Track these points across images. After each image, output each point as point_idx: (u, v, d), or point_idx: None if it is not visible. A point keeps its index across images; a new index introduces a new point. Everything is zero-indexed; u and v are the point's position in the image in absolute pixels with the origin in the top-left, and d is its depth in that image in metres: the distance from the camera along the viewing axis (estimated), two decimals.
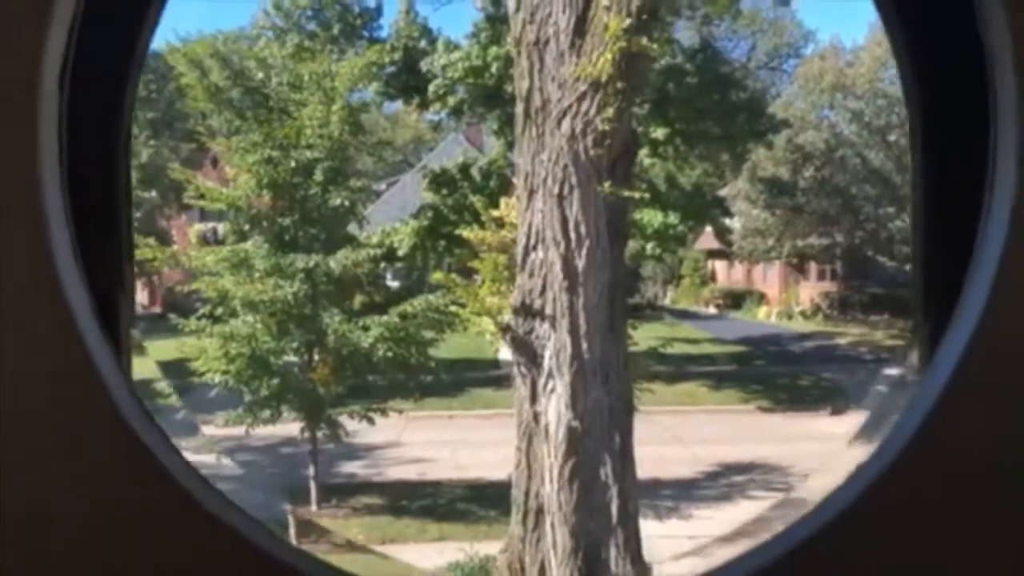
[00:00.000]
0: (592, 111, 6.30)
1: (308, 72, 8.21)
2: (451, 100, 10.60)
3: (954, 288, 0.82)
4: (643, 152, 10.67)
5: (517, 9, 6.42)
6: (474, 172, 11.53)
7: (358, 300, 9.12)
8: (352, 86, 8.67)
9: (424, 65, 10.67)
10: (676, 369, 11.78)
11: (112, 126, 0.92)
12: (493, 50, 10.92)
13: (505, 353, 8.20)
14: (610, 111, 6.22)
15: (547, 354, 6.61)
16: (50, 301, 0.75)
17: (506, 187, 9.80)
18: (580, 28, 6.24)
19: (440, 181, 11.43)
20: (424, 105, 10.96)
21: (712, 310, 15.52)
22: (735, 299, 15.90)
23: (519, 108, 6.62)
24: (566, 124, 6.35)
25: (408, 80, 10.81)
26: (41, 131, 0.76)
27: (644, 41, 6.20)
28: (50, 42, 0.76)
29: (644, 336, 9.40)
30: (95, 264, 0.83)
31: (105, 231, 0.89)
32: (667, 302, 14.89)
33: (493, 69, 10.61)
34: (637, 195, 6.97)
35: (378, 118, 12.03)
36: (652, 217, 10.94)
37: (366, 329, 8.23)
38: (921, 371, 0.85)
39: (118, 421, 0.76)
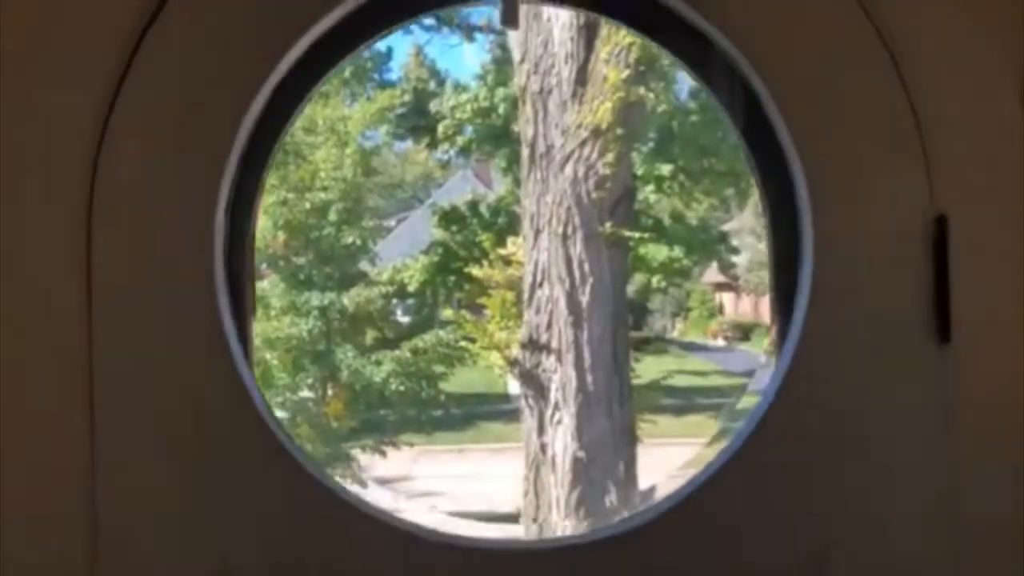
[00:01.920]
0: (593, 156, 6.87)
1: (322, 117, 8.81)
2: (459, 140, 11.20)
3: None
4: (648, 188, 11.21)
5: (522, 60, 7.01)
6: (483, 209, 12.06)
7: (370, 335, 9.63)
8: (364, 129, 9.27)
9: (433, 106, 11.28)
10: (685, 401, 12.21)
11: (249, 203, 1.40)
12: (500, 91, 11.51)
13: (514, 387, 8.70)
14: (610, 156, 6.80)
15: (553, 387, 7.12)
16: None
17: (515, 223, 10.34)
18: (581, 78, 6.83)
19: (449, 218, 11.96)
20: (433, 144, 11.57)
21: (721, 342, 15.96)
22: (743, 331, 16.33)
23: (524, 153, 7.20)
24: (569, 168, 6.92)
25: (417, 121, 11.43)
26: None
27: (642, 91, 6.80)
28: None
29: (651, 368, 9.89)
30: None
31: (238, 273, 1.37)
32: (675, 335, 15.34)
33: (500, 110, 11.21)
34: (637, 234, 7.53)
35: (388, 156, 12.61)
36: (657, 252, 11.45)
37: (378, 364, 8.74)
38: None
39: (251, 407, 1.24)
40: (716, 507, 1.23)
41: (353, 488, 9.69)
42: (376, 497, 10.41)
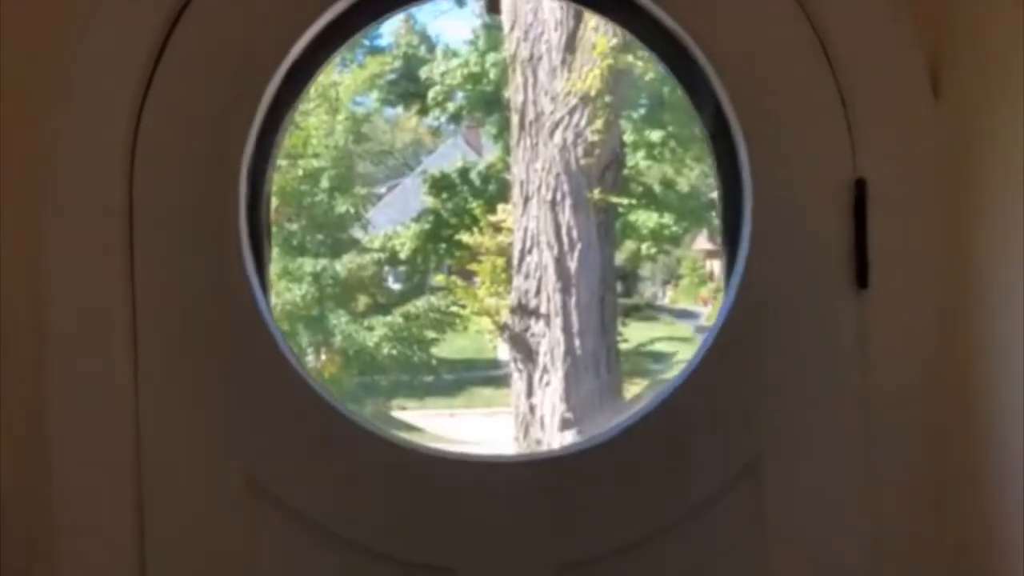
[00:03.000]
0: (582, 123, 7.07)
1: (314, 84, 8.96)
2: (450, 106, 11.34)
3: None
4: (639, 155, 11.38)
5: (511, 28, 7.18)
6: (473, 176, 12.20)
7: (362, 301, 9.86)
8: (355, 96, 9.44)
9: (423, 72, 11.41)
10: (669, 366, 12.47)
11: (264, 169, 1.61)
12: (491, 56, 11.63)
13: (504, 353, 8.96)
14: (599, 123, 6.99)
15: (542, 350, 7.37)
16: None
17: (505, 190, 10.54)
18: (571, 45, 7.00)
19: (440, 185, 12.09)
20: (424, 111, 11.71)
21: (711, 309, 16.25)
22: None
23: (514, 120, 7.39)
24: (558, 135, 7.12)
25: (408, 87, 11.57)
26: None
27: (630, 58, 6.98)
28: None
29: (639, 334, 10.14)
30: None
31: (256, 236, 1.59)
32: (666, 301, 15.57)
33: (491, 75, 11.34)
34: (626, 201, 7.75)
35: (379, 122, 12.73)
36: (647, 219, 11.64)
37: (370, 329, 8.99)
38: None
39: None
40: (668, 425, 1.46)
41: None
42: None
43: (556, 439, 7.06)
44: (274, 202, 9.08)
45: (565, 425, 7.06)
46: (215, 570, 1.46)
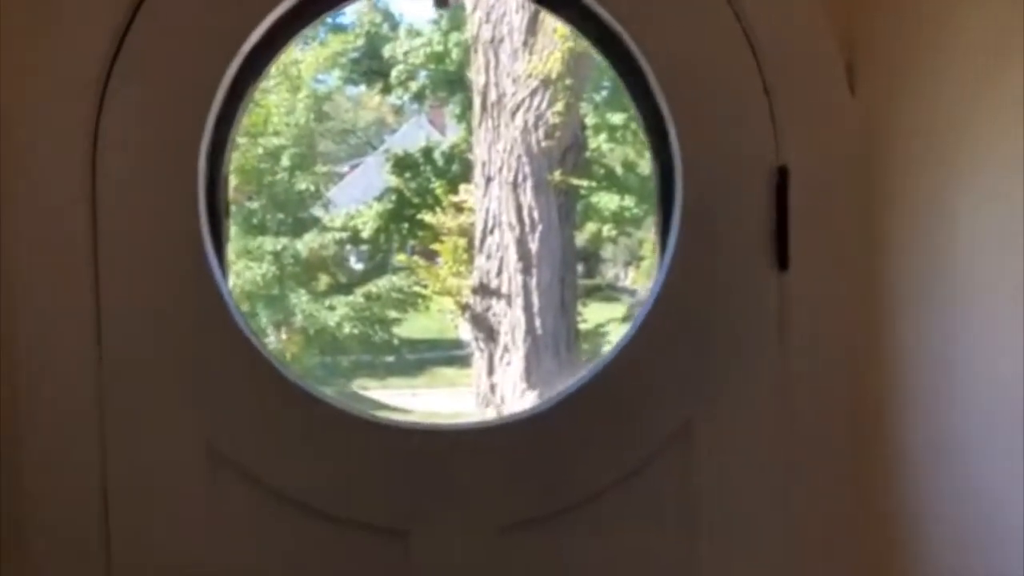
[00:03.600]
0: (543, 105, 7.17)
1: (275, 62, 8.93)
2: (413, 86, 11.36)
3: None
4: (601, 137, 11.50)
5: (474, 9, 7.24)
6: (436, 156, 12.23)
7: (323, 281, 9.91)
8: (316, 74, 9.43)
9: (386, 51, 11.41)
10: None
11: (223, 151, 1.69)
12: (454, 36, 11.64)
13: (466, 333, 9.07)
14: (560, 105, 7.10)
15: (503, 330, 7.49)
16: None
17: (469, 170, 10.61)
18: (532, 27, 7.09)
19: (403, 164, 12.10)
20: (387, 90, 11.72)
21: None
22: None
23: (476, 101, 7.47)
24: (519, 117, 7.22)
25: (371, 65, 11.57)
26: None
27: None
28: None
29: (599, 314, 10.30)
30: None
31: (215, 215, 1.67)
32: (628, 283, 15.75)
33: (454, 55, 11.36)
34: (586, 183, 7.88)
35: (341, 101, 12.70)
36: (609, 201, 11.76)
37: (332, 309, 9.04)
38: None
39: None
40: (604, 394, 1.58)
41: None
42: None
43: None
44: (233, 181, 9.08)
45: (525, 403, 7.19)
46: (177, 536, 1.55)
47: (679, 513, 1.59)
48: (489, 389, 7.41)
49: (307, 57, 9.30)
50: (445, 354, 12.99)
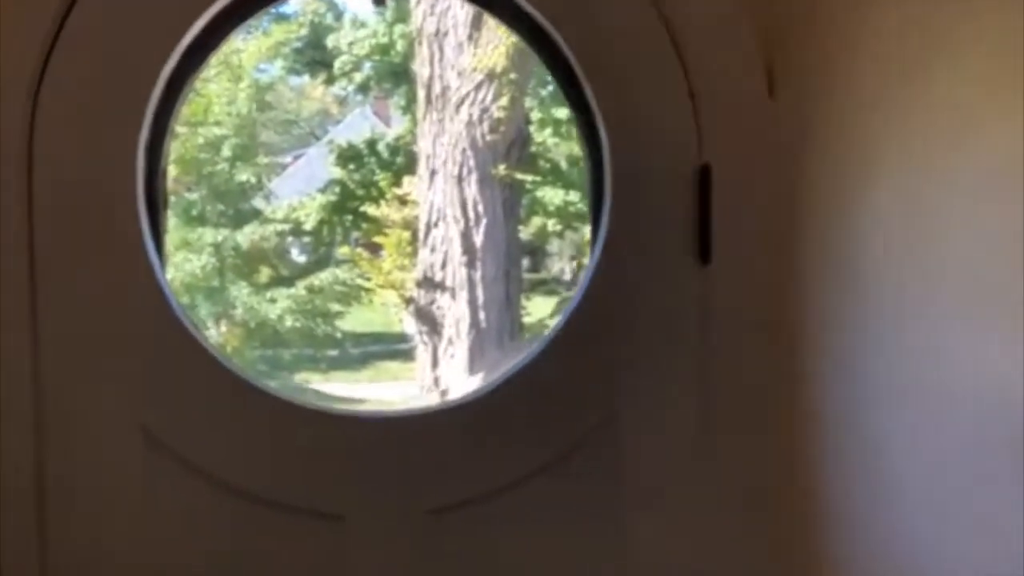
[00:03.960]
0: (488, 99, 7.24)
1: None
2: (357, 77, 11.33)
3: None
4: (546, 132, 11.59)
5: (419, 1, 7.27)
6: (381, 147, 12.20)
7: (265, 273, 9.85)
8: (259, 63, 9.36)
9: (330, 41, 11.36)
10: None
11: (161, 143, 1.72)
12: (399, 28, 11.62)
13: (411, 327, 9.10)
14: (504, 100, 7.17)
15: (447, 323, 7.55)
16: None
17: (414, 162, 10.62)
18: (477, 21, 7.14)
19: (347, 156, 12.05)
20: (330, 80, 11.68)
21: None
22: None
23: (421, 94, 7.51)
24: (464, 111, 7.28)
25: (314, 56, 11.52)
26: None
27: None
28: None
29: (545, 309, 10.39)
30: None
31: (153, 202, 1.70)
32: (570, 277, 15.87)
33: (399, 47, 11.35)
34: (531, 177, 7.96)
35: (283, 91, 12.60)
36: (554, 195, 11.84)
37: (273, 301, 9.00)
38: None
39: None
40: (533, 382, 1.65)
41: None
42: None
43: None
44: (173, 171, 8.98)
45: None
46: (113, 518, 1.59)
47: (605, 496, 1.67)
48: (433, 382, 7.46)
49: (249, 47, 9.23)
50: (389, 348, 12.97)
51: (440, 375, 7.46)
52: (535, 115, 10.22)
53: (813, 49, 1.62)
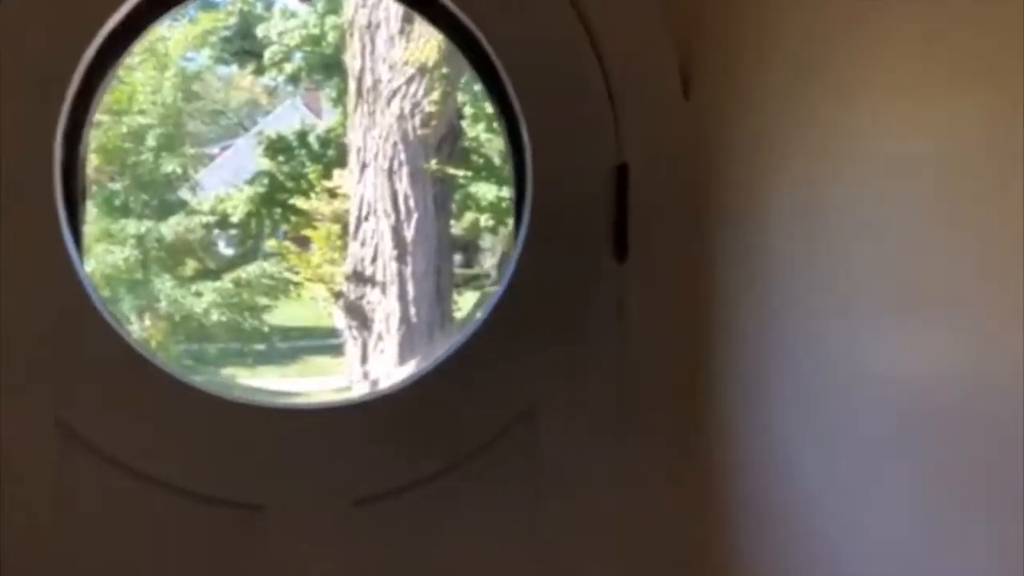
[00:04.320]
0: (420, 93, 7.23)
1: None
2: (288, 67, 11.20)
3: None
4: (480, 127, 11.62)
5: None
6: (312, 139, 12.09)
7: (191, 266, 9.68)
8: (185, 52, 9.20)
9: (260, 31, 11.20)
10: None
11: (80, 132, 1.71)
12: (331, 19, 11.52)
13: (340, 321, 9.05)
14: (436, 94, 7.18)
15: (377, 318, 7.53)
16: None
17: (345, 155, 10.56)
18: (409, 15, 7.13)
19: (276, 147, 11.91)
20: (260, 71, 11.51)
21: None
22: None
23: (352, 86, 7.47)
24: (395, 104, 7.26)
25: (243, 45, 11.33)
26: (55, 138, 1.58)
27: None
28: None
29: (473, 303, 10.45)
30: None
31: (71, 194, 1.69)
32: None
33: (330, 38, 11.25)
34: (462, 172, 7.99)
35: (211, 80, 12.38)
36: (487, 191, 11.88)
37: (199, 295, 8.86)
38: None
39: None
40: (458, 373, 1.70)
41: None
42: None
43: None
44: (95, 160, 8.77)
45: None
46: (27, 508, 1.58)
47: (525, 486, 1.72)
48: (363, 377, 7.44)
49: (175, 34, 9.05)
50: (318, 343, 12.87)
51: (370, 370, 7.45)
52: (468, 110, 10.24)
53: (726, 51, 1.69)
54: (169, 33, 9.00)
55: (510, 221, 13.43)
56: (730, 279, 1.70)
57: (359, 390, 7.22)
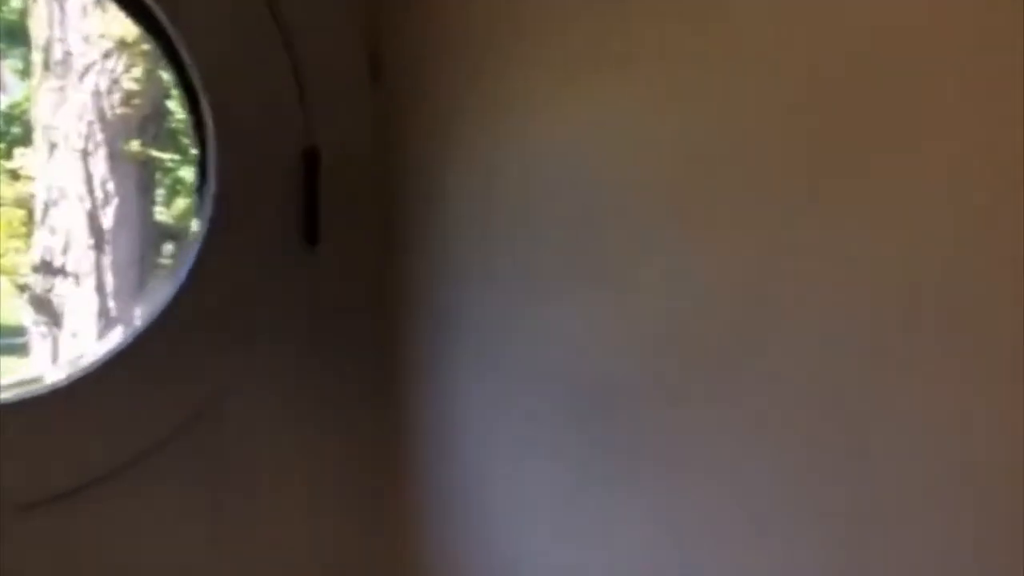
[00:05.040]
0: (118, 69, 6.74)
1: None
2: None
3: None
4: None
5: None
6: None
7: None
8: None
9: None
10: None
11: None
12: None
13: (27, 317, 8.25)
14: (137, 71, 6.72)
15: (70, 313, 6.95)
16: None
17: (30, 133, 9.64)
18: None
19: None
20: None
21: None
22: None
23: (38, 58, 6.81)
24: (90, 80, 6.71)
25: None
26: None
27: None
28: None
29: None
30: None
31: None
32: None
33: (14, 3, 10.22)
34: (168, 156, 7.55)
35: None
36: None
37: None
38: None
39: None
40: (137, 364, 1.62)
41: None
42: None
43: None
44: None
45: None
46: None
47: (207, 482, 1.67)
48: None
49: None
50: (6, 342, 11.68)
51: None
52: (176, 91, 9.71)
53: (413, 37, 1.75)
54: None
55: None
56: (417, 262, 1.75)
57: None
